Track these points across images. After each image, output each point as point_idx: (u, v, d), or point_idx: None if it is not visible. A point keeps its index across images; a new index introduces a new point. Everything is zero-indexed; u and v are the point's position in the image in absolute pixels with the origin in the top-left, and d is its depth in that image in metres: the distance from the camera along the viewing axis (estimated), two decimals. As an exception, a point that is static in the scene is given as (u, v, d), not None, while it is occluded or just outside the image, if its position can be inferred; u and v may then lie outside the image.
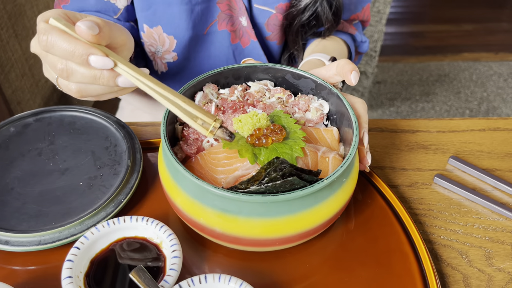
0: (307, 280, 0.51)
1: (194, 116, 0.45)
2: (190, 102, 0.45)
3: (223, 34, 0.79)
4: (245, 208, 0.45)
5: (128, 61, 0.46)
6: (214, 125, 0.45)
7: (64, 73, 0.46)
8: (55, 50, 0.44)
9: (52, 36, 0.43)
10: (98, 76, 0.45)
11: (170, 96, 0.45)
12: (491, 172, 0.64)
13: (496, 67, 2.36)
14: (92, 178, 0.57)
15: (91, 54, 0.44)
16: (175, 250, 0.48)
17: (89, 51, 0.44)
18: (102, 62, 0.44)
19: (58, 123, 0.63)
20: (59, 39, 0.43)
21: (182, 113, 0.45)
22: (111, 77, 0.45)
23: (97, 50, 0.44)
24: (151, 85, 0.45)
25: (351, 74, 0.54)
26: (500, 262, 0.53)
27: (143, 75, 0.45)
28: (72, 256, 0.47)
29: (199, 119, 0.45)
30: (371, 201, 0.58)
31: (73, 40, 0.44)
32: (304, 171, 0.46)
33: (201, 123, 0.45)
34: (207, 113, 0.46)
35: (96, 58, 0.44)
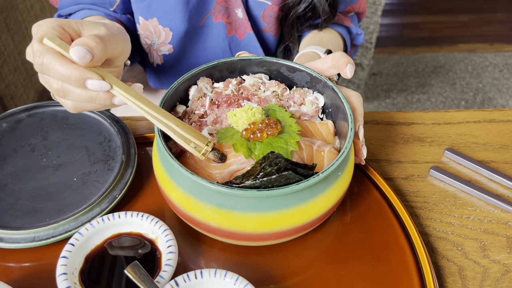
0: (303, 273, 0.51)
1: (187, 139, 0.47)
2: (183, 125, 0.47)
3: (219, 26, 0.78)
4: (241, 203, 0.45)
5: (122, 82, 0.47)
6: (206, 148, 0.47)
7: (61, 93, 0.46)
8: (50, 73, 0.44)
9: (47, 59, 0.43)
10: (94, 97, 0.46)
11: (164, 119, 0.46)
12: (486, 164, 0.64)
13: (491, 58, 2.36)
14: (86, 173, 0.57)
15: (87, 78, 0.44)
16: (171, 245, 0.47)
17: (85, 75, 0.44)
18: (99, 86, 0.44)
19: (51, 119, 0.63)
20: (55, 62, 0.43)
21: (175, 135, 0.47)
22: (107, 98, 0.46)
23: (93, 73, 0.44)
24: (146, 108, 0.46)
25: (346, 67, 0.53)
26: (495, 254, 0.54)
27: (138, 97, 0.46)
28: (67, 252, 0.47)
29: (192, 142, 0.47)
30: (366, 194, 0.58)
31: (68, 64, 0.43)
32: (299, 165, 0.45)
33: (194, 146, 0.47)
34: (200, 136, 0.47)
35: (92, 82, 0.44)
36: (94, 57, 0.44)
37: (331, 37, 0.81)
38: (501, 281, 0.51)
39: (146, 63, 0.88)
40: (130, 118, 0.69)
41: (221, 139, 0.50)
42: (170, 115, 0.47)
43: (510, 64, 2.32)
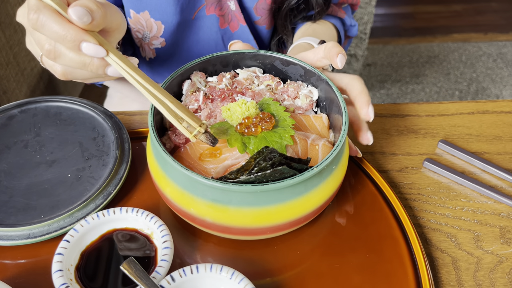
0: (298, 266, 0.51)
1: (180, 118, 0.45)
2: (177, 103, 0.45)
3: (211, 18, 0.77)
4: (235, 198, 0.45)
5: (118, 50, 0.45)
6: (199, 130, 0.45)
7: (52, 54, 0.44)
8: (45, 30, 0.41)
9: (44, 16, 0.41)
10: (87, 63, 0.44)
11: (158, 94, 0.44)
12: (479, 155, 0.65)
13: (485, 47, 2.36)
14: (80, 169, 0.56)
15: (83, 41, 0.42)
16: (166, 241, 0.47)
17: (82, 37, 0.41)
18: (94, 50, 0.42)
19: (44, 114, 0.62)
20: (51, 20, 0.41)
21: (168, 112, 0.44)
22: (101, 66, 0.44)
23: (90, 37, 0.42)
24: (140, 80, 0.44)
25: (337, 57, 0.53)
26: (488, 245, 0.54)
27: (133, 68, 0.44)
28: (62, 249, 0.47)
29: (184, 121, 0.45)
30: (361, 187, 0.59)
31: (65, 23, 0.41)
32: (294, 160, 0.45)
33: (186, 126, 0.45)
34: (194, 116, 0.45)
35: (88, 46, 0.42)
36: (93, 20, 0.41)
37: (325, 28, 0.81)
38: (494, 271, 0.52)
39: (138, 58, 0.87)
40: (124, 112, 0.69)
41: (215, 133, 0.50)
42: (165, 91, 0.45)
43: (504, 54, 2.32)
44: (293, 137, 0.50)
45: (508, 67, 2.24)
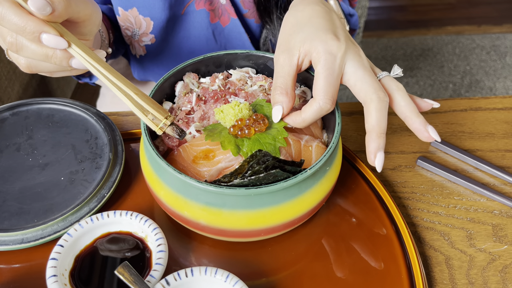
0: (293, 267, 0.51)
1: (146, 110, 0.44)
2: (142, 95, 0.44)
3: (201, 13, 0.77)
4: (229, 201, 0.45)
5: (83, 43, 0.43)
6: (165, 122, 0.44)
7: (14, 47, 0.43)
8: (5, 23, 0.41)
9: (3, 8, 0.40)
10: (50, 55, 0.43)
11: (123, 86, 0.43)
12: (472, 152, 0.65)
13: (478, 40, 2.37)
14: (74, 172, 0.56)
15: (43, 32, 0.41)
16: (161, 244, 0.48)
17: (41, 28, 0.41)
18: (55, 42, 0.41)
19: (36, 117, 0.62)
20: (10, 11, 0.40)
21: (133, 105, 0.44)
22: (64, 58, 0.43)
23: (50, 28, 0.41)
24: (104, 72, 0.43)
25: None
26: (481, 243, 0.55)
27: (97, 60, 0.43)
28: (56, 254, 0.47)
29: (150, 114, 0.44)
30: (355, 187, 0.59)
31: (24, 14, 0.40)
32: (287, 163, 0.45)
33: (152, 118, 0.44)
34: (160, 108, 0.44)
35: (48, 37, 0.41)
36: (54, 11, 0.40)
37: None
38: (487, 269, 0.52)
39: (129, 55, 0.87)
40: (117, 113, 0.69)
41: (208, 136, 0.49)
42: (130, 82, 0.44)
43: (497, 46, 2.33)
44: (286, 139, 0.50)
45: (501, 59, 2.24)
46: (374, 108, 0.46)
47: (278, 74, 0.49)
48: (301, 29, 0.50)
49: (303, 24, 0.50)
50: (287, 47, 0.50)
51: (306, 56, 0.49)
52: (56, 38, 0.42)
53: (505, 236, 0.55)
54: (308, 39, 0.48)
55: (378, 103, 0.46)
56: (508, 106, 0.71)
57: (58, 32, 0.42)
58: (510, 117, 0.70)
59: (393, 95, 0.49)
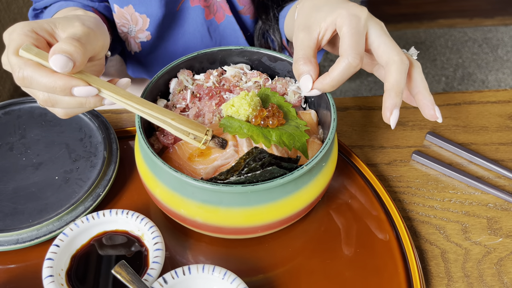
0: (290, 263, 0.52)
1: (185, 131, 0.46)
2: (179, 118, 0.46)
3: (196, 10, 0.76)
4: (226, 199, 0.45)
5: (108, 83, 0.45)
6: (206, 138, 0.47)
7: (49, 103, 0.44)
8: (34, 86, 0.42)
9: (28, 72, 0.41)
10: (84, 102, 0.44)
11: (159, 115, 0.46)
12: (466, 146, 0.65)
13: (471, 32, 2.37)
14: (68, 171, 0.56)
15: (73, 86, 0.42)
16: (157, 242, 0.47)
17: (70, 83, 0.42)
18: (86, 92, 0.43)
19: (28, 116, 0.61)
20: (36, 75, 0.41)
21: (173, 130, 0.46)
22: (98, 101, 0.45)
23: (78, 80, 0.42)
24: (138, 106, 0.45)
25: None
26: (476, 236, 0.55)
27: (128, 96, 0.45)
28: (52, 254, 0.46)
29: (190, 134, 0.46)
30: (351, 182, 0.59)
31: (51, 74, 0.42)
32: (283, 159, 0.45)
33: (193, 137, 0.46)
34: (198, 126, 0.47)
35: (79, 90, 0.43)
36: (76, 63, 0.42)
37: None
38: (482, 262, 0.53)
39: (124, 52, 0.86)
40: (111, 111, 0.68)
41: (231, 132, 0.49)
42: (163, 109, 0.46)
43: (489, 39, 2.34)
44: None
45: (493, 52, 2.26)
46: (395, 68, 0.46)
47: (299, 48, 0.49)
48: (320, 8, 0.50)
49: (321, 5, 0.51)
50: (307, 25, 0.50)
51: (328, 29, 0.49)
52: (87, 89, 0.43)
53: (499, 229, 0.56)
54: (330, 12, 0.48)
55: (400, 65, 0.46)
56: (501, 99, 0.72)
57: (85, 82, 0.43)
58: (504, 111, 0.70)
59: (411, 69, 0.49)
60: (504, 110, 0.70)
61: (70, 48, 0.41)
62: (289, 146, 0.49)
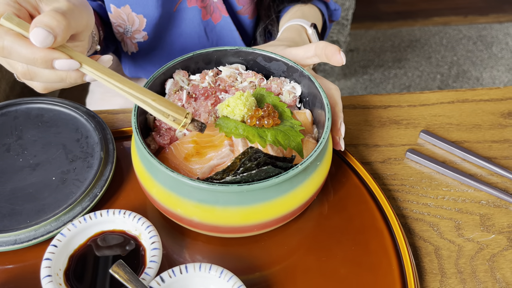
0: (285, 261, 0.52)
1: (165, 113, 0.45)
2: (159, 100, 0.45)
3: (193, 10, 0.77)
4: (222, 198, 0.46)
5: (91, 59, 0.44)
6: (185, 121, 0.45)
7: (27, 75, 0.43)
8: (13, 56, 0.41)
9: (8, 42, 0.40)
10: (64, 77, 0.43)
11: (139, 95, 0.44)
12: (460, 144, 0.66)
13: (465, 30, 2.39)
14: (65, 172, 0.56)
15: (54, 59, 0.41)
16: (155, 242, 0.48)
17: (51, 56, 0.41)
18: (68, 65, 0.42)
19: (25, 117, 0.61)
20: (16, 45, 0.40)
21: (153, 110, 0.45)
22: (78, 77, 0.44)
23: (60, 53, 0.41)
24: (119, 85, 0.43)
25: (340, 53, 0.53)
26: (469, 233, 0.56)
27: (109, 74, 0.43)
28: (50, 254, 0.47)
29: (170, 116, 0.45)
30: (345, 180, 0.60)
31: (31, 46, 0.40)
32: (279, 159, 0.46)
33: (173, 119, 0.45)
34: (178, 108, 0.45)
35: (60, 63, 0.41)
36: (56, 38, 0.40)
37: (313, 11, 0.81)
38: (475, 258, 0.53)
39: (120, 52, 0.86)
40: (107, 111, 0.68)
41: (227, 133, 0.50)
42: (145, 89, 0.45)
43: (484, 36, 2.35)
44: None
45: (487, 50, 2.27)
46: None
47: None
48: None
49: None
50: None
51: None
52: (68, 62, 0.42)
53: (492, 225, 0.57)
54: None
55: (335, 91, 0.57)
56: (494, 97, 0.73)
57: (67, 55, 0.42)
58: (496, 108, 0.71)
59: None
60: (497, 108, 0.71)
61: (52, 22, 0.40)
62: (284, 145, 0.50)
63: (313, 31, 0.70)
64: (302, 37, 0.68)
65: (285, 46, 0.61)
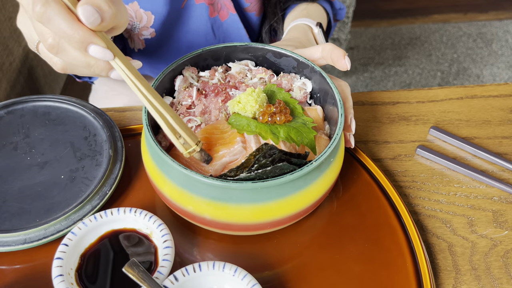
0: (298, 258, 0.52)
1: (177, 133, 0.44)
2: (177, 118, 0.44)
3: (201, 7, 0.76)
4: (236, 195, 0.45)
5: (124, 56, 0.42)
6: (195, 148, 0.45)
7: (55, 49, 0.41)
8: (51, 26, 0.39)
9: (52, 11, 0.38)
10: (92, 64, 0.42)
11: (159, 106, 0.43)
12: (470, 140, 0.66)
13: (465, 27, 2.39)
14: (74, 170, 0.55)
15: (91, 43, 0.39)
16: (167, 240, 0.47)
17: (90, 39, 0.39)
18: (103, 54, 0.40)
19: (32, 115, 0.60)
20: (59, 16, 0.38)
21: (166, 126, 0.44)
22: (105, 69, 0.42)
23: (99, 39, 0.40)
24: (143, 90, 0.42)
25: (344, 59, 0.53)
26: (482, 229, 0.55)
27: (137, 76, 0.42)
28: (61, 253, 0.46)
29: (181, 137, 0.44)
30: (356, 177, 0.59)
31: (74, 22, 0.38)
32: (293, 155, 0.45)
33: (183, 142, 0.45)
34: (191, 133, 0.45)
35: (96, 49, 0.40)
36: (103, 21, 0.39)
37: (318, 10, 0.80)
38: (489, 255, 0.53)
39: (127, 49, 0.85)
40: (113, 109, 0.68)
41: (239, 130, 0.49)
42: (167, 104, 0.44)
43: (484, 33, 2.35)
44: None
45: (487, 47, 2.27)
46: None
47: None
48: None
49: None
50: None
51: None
52: (104, 51, 0.40)
53: (505, 221, 0.56)
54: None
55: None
56: (503, 93, 0.72)
57: (105, 44, 0.40)
58: (505, 104, 0.71)
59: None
60: (506, 104, 0.71)
61: (103, 5, 0.39)
62: (297, 142, 0.49)
63: (319, 30, 0.69)
64: (308, 37, 0.68)
65: (292, 47, 0.60)
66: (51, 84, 1.63)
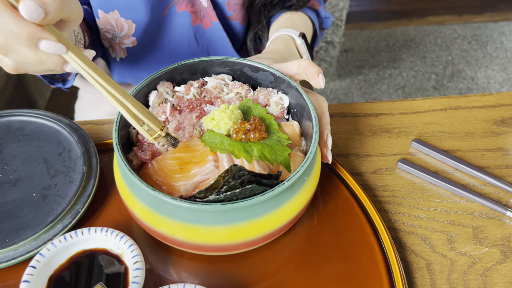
0: (273, 277, 0.51)
1: (141, 120, 0.43)
2: (138, 105, 0.43)
3: (183, 15, 0.75)
4: (205, 217, 0.44)
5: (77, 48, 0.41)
6: (160, 133, 0.44)
7: (3, 50, 0.40)
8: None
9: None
10: (44, 60, 0.40)
11: (118, 96, 0.42)
12: (452, 153, 0.65)
13: (460, 29, 2.38)
14: (46, 188, 0.54)
15: (42, 38, 0.38)
16: (137, 261, 0.46)
17: (39, 35, 0.38)
18: (54, 48, 0.39)
19: (5, 130, 0.60)
20: (3, 15, 0.37)
21: (128, 114, 0.43)
22: (59, 63, 0.41)
23: (49, 34, 0.38)
24: (101, 81, 0.41)
25: (318, 77, 0.52)
26: (462, 246, 0.55)
27: (93, 68, 0.41)
28: (28, 276, 0.45)
29: (145, 124, 0.43)
30: (335, 193, 0.58)
31: (19, 19, 0.37)
32: (264, 176, 0.44)
33: (147, 129, 0.44)
34: (155, 119, 0.44)
35: (47, 44, 0.38)
36: (47, 15, 0.37)
37: (302, 20, 0.80)
38: (468, 273, 0.52)
39: (108, 58, 0.85)
40: (92, 122, 0.67)
41: (212, 148, 0.48)
42: (126, 93, 0.43)
43: (478, 35, 2.34)
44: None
45: (482, 49, 2.26)
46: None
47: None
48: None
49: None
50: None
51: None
52: (56, 45, 0.38)
53: (485, 238, 0.55)
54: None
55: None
56: (487, 104, 0.71)
57: (56, 38, 0.39)
58: (489, 116, 0.70)
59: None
60: (490, 115, 0.70)
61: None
62: (271, 160, 0.48)
63: (302, 41, 0.68)
64: (289, 48, 0.67)
65: (271, 60, 0.59)
66: (41, 90, 1.62)
